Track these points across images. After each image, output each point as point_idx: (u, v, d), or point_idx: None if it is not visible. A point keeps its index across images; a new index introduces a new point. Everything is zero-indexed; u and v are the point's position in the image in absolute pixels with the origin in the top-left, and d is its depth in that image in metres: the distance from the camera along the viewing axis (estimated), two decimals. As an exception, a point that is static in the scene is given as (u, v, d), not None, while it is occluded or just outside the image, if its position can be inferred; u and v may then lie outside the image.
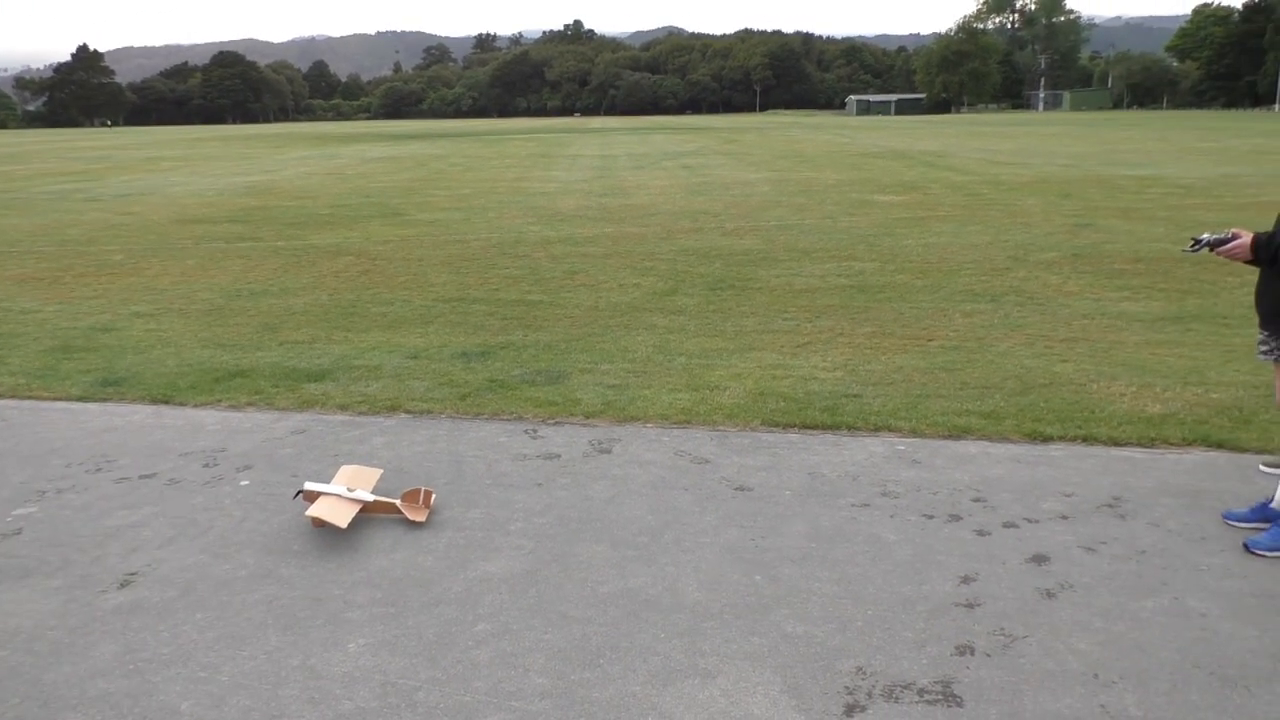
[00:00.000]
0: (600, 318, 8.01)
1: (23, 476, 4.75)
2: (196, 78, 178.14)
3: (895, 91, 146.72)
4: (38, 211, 17.80)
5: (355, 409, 5.71)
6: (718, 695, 2.85)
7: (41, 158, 39.59)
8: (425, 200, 18.32)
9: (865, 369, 6.28)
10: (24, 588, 3.62)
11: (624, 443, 5.03)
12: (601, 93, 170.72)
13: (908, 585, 3.46)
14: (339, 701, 2.87)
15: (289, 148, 44.63)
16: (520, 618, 3.32)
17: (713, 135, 49.67)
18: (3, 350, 7.33)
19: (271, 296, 9.25)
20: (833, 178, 21.43)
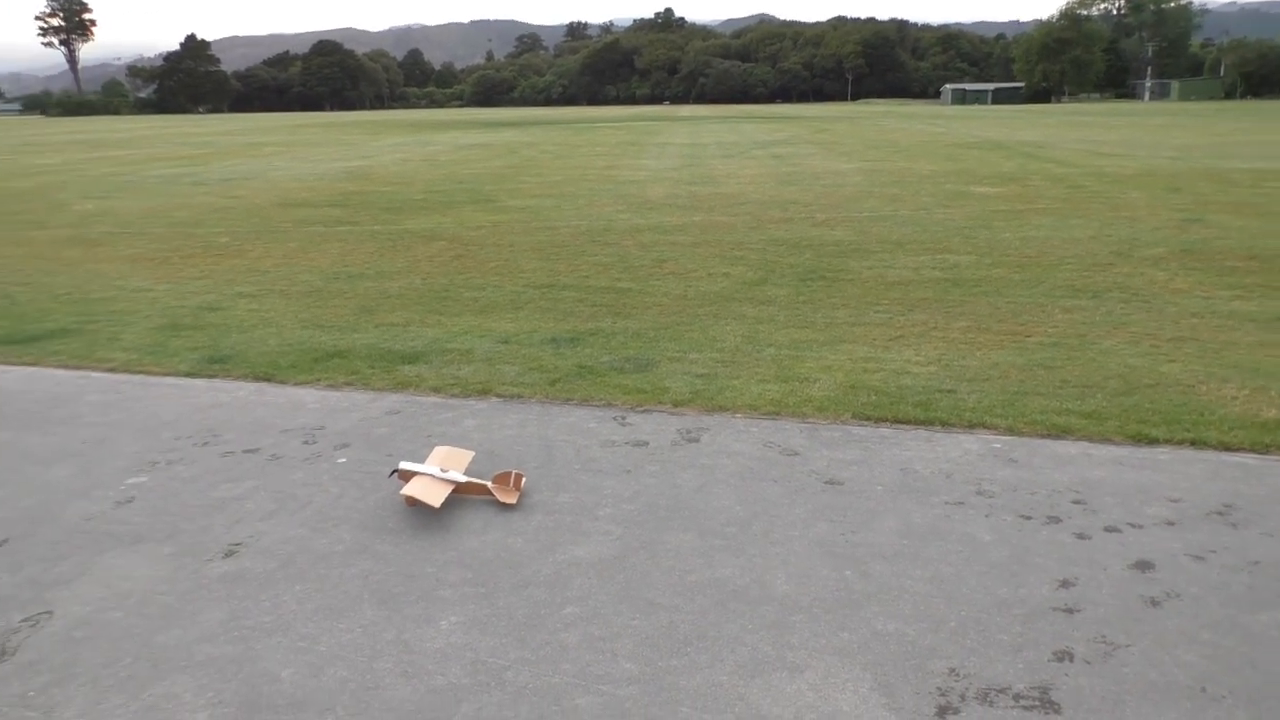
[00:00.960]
0: (689, 306, 7.99)
1: (136, 448, 4.97)
2: (297, 66, 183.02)
3: (992, 80, 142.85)
4: (149, 194, 18.53)
5: (448, 391, 5.82)
6: (805, 689, 2.83)
7: (151, 143, 41.20)
8: (516, 187, 18.52)
9: (960, 364, 6.15)
10: (136, 553, 3.79)
11: (712, 432, 5.02)
12: (691, 81, 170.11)
13: (1003, 587, 3.38)
14: (431, 676, 2.93)
15: (385, 134, 45.58)
16: (608, 603, 3.34)
17: (803, 124, 49.11)
18: (117, 327, 7.66)
19: (368, 279, 9.47)
20: (927, 168, 20.99)
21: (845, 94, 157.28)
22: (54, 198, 18.23)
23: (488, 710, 2.76)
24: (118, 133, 55.25)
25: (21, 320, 7.99)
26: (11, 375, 6.42)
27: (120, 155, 32.00)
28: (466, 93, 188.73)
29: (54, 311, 8.32)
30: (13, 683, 2.93)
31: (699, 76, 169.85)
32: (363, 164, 25.56)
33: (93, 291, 9.18)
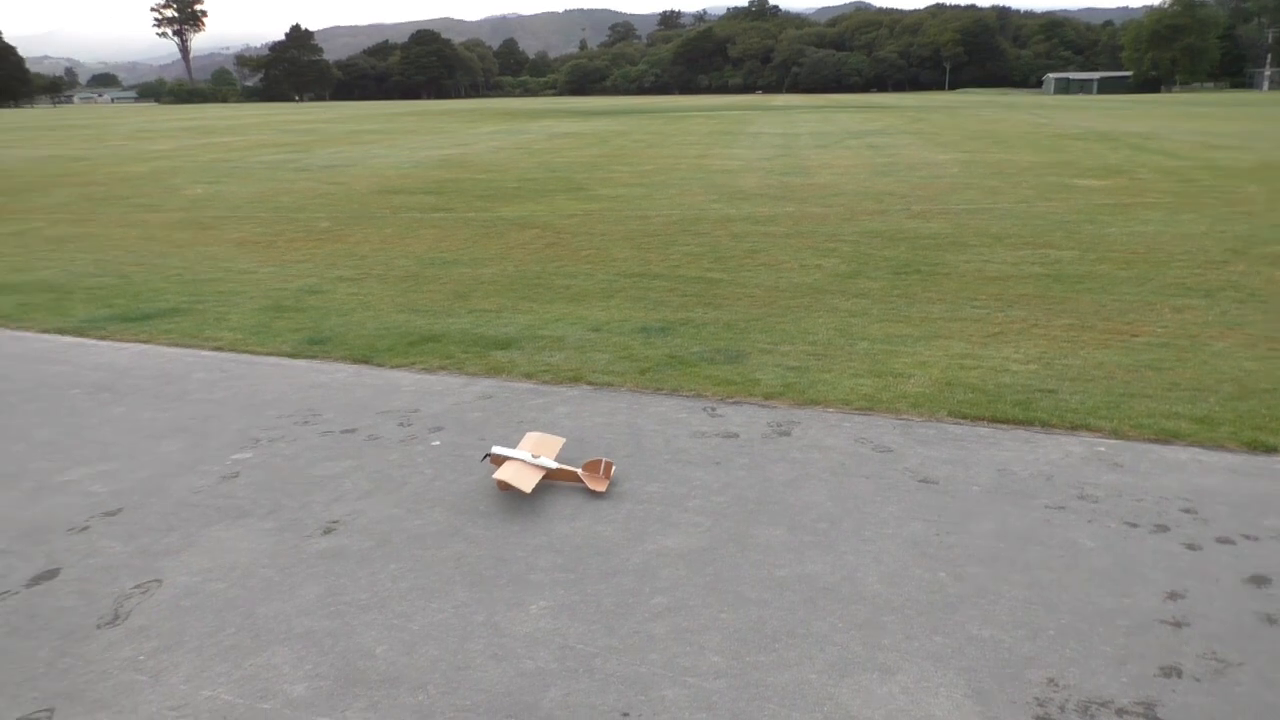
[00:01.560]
0: (781, 298, 7.91)
1: (240, 425, 5.14)
2: (396, 55, 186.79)
3: (1098, 69, 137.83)
4: (255, 180, 19.15)
5: (539, 378, 5.87)
6: (897, 692, 2.78)
7: (257, 130, 42.55)
8: (608, 176, 18.59)
9: (1062, 363, 5.95)
10: (240, 527, 3.92)
11: (804, 426, 4.96)
12: (784, 70, 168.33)
13: (1107, 596, 3.26)
14: (521, 660, 2.96)
15: (480, 123, 46.23)
16: (697, 594, 3.33)
17: (899, 114, 48.15)
18: (224, 307, 7.94)
19: (462, 266, 9.62)
20: (1028, 160, 20.38)
21: (942, 83, 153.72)
22: (167, 182, 18.97)
23: (575, 696, 2.78)
24: (226, 120, 57.20)
25: (137, 299, 8.34)
26: (127, 352, 6.70)
27: (228, 142, 33.13)
28: (559, 81, 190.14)
29: (166, 291, 8.66)
30: (124, 646, 3.06)
31: (792, 65, 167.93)
32: (458, 152, 25.97)
33: (202, 273, 9.52)
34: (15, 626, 3.18)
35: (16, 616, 3.24)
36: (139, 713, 2.73)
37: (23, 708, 2.76)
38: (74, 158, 26.63)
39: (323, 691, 2.82)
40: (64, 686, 2.86)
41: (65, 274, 9.62)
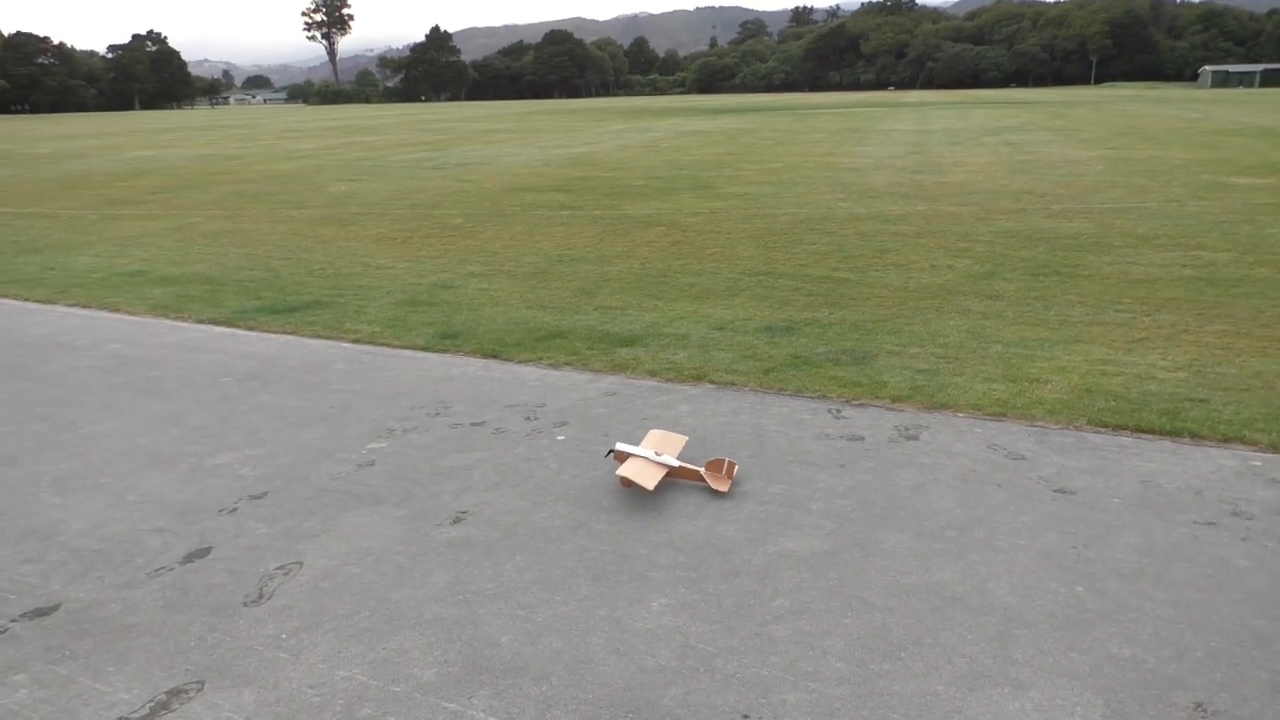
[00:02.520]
0: (910, 299, 7.73)
1: (376, 415, 5.34)
2: (529, 55, 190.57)
3: (1262, 61, 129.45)
4: (393, 178, 19.84)
5: (663, 376, 5.90)
6: (1030, 709, 2.68)
7: (396, 130, 44.08)
8: (734, 174, 18.51)
9: (1214, 371, 5.62)
10: (374, 514, 4.07)
11: (932, 430, 4.83)
12: (918, 65, 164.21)
13: (1261, 619, 3.07)
14: (641, 657, 2.98)
15: (608, 121, 46.72)
16: (819, 598, 3.29)
17: (1040, 110, 46.33)
18: (363, 301, 8.26)
19: (589, 263, 9.74)
20: (1180, 157, 19.32)
21: (1088, 77, 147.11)
22: (311, 180, 19.85)
23: (695, 695, 2.78)
24: (367, 119, 59.46)
25: (283, 292, 8.76)
26: (274, 342, 7.05)
27: (369, 141, 34.44)
28: (688, 79, 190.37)
29: (310, 285, 9.06)
30: (268, 624, 3.22)
31: (927, 60, 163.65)
32: (586, 150, 26.30)
33: (343, 267, 9.93)
34: (170, 601, 3.39)
35: (172, 592, 3.46)
36: (281, 689, 2.87)
37: (176, 679, 2.93)
38: (228, 156, 28.16)
39: (451, 678, 2.90)
40: (213, 660, 3.03)
41: (218, 267, 10.19)
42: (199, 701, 2.81)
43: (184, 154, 30.08)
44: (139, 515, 4.11)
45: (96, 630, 3.20)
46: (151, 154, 30.49)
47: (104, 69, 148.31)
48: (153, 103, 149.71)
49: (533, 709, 2.74)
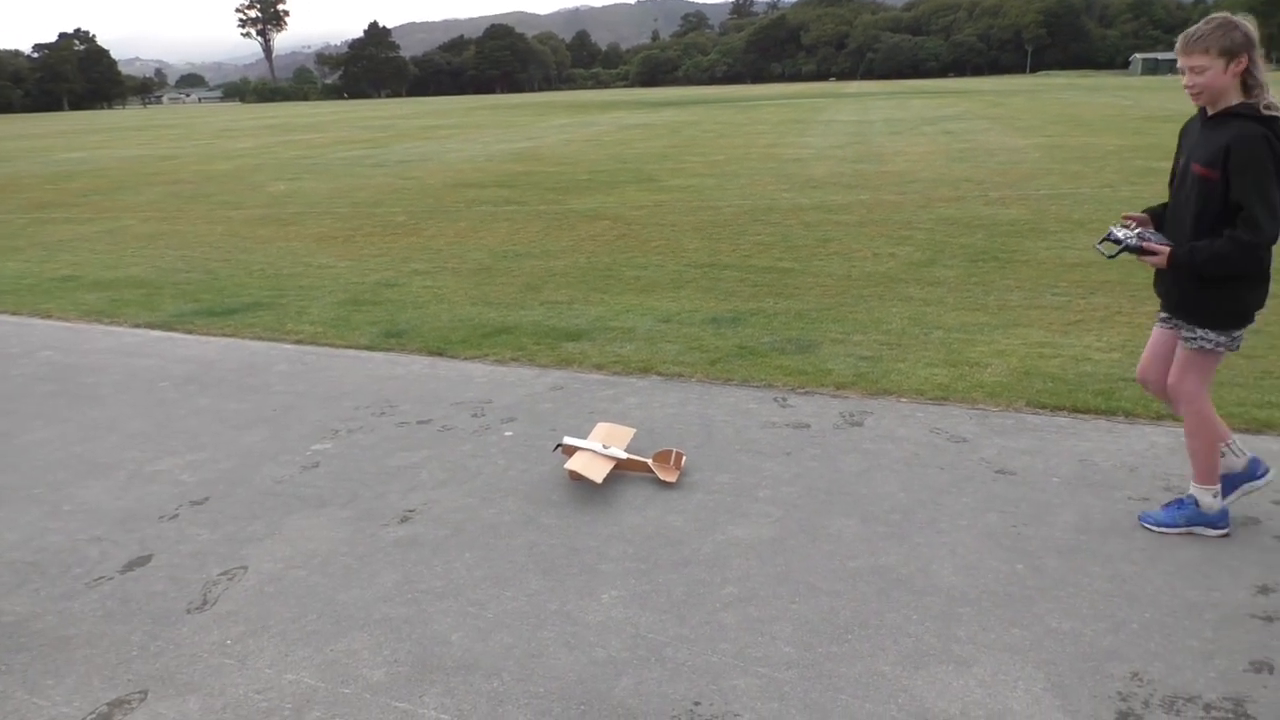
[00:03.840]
0: (853, 287, 7.82)
1: (320, 416, 5.27)
2: (471, 50, 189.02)
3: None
4: (334, 176, 19.58)
5: (610, 369, 5.90)
6: (974, 685, 2.73)
7: (336, 127, 43.48)
8: (678, 166, 18.56)
9: (1147, 351, 5.76)
10: (320, 515, 4.02)
11: (876, 416, 4.90)
12: (858, 56, 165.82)
13: (1193, 589, 3.16)
14: (593, 649, 2.99)
15: (551, 116, 46.54)
16: (767, 585, 3.32)
17: (977, 99, 47.09)
18: (305, 301, 8.15)
19: (534, 258, 9.71)
20: (1113, 143, 19.77)
21: (1024, 66, 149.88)
22: (249, 180, 19.52)
23: (647, 685, 2.79)
24: (306, 117, 58.56)
25: (222, 294, 8.61)
26: (213, 345, 6.93)
27: (308, 139, 33.92)
28: (631, 73, 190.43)
29: (249, 286, 8.92)
30: (212, 630, 3.17)
31: (867, 51, 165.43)
32: (529, 145, 26.19)
33: (283, 268, 9.78)
34: (110, 611, 3.32)
35: (112, 601, 3.38)
36: (227, 695, 2.83)
37: (118, 689, 2.88)
38: (162, 157, 27.56)
39: (401, 677, 2.88)
40: (156, 669, 2.97)
41: (154, 270, 9.97)
42: (142, 711, 2.76)
43: (116, 155, 29.37)
44: (76, 525, 4.01)
45: (33, 643, 3.12)
46: (82, 155, 29.74)
47: (30, 69, 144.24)
48: (82, 103, 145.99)
49: (484, 705, 2.73)
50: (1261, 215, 3.00)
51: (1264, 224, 3.00)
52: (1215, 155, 3.08)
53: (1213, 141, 3.11)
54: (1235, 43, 3.03)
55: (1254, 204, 3.00)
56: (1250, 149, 3.00)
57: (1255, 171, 3.00)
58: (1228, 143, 3.04)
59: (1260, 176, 3.00)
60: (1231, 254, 3.07)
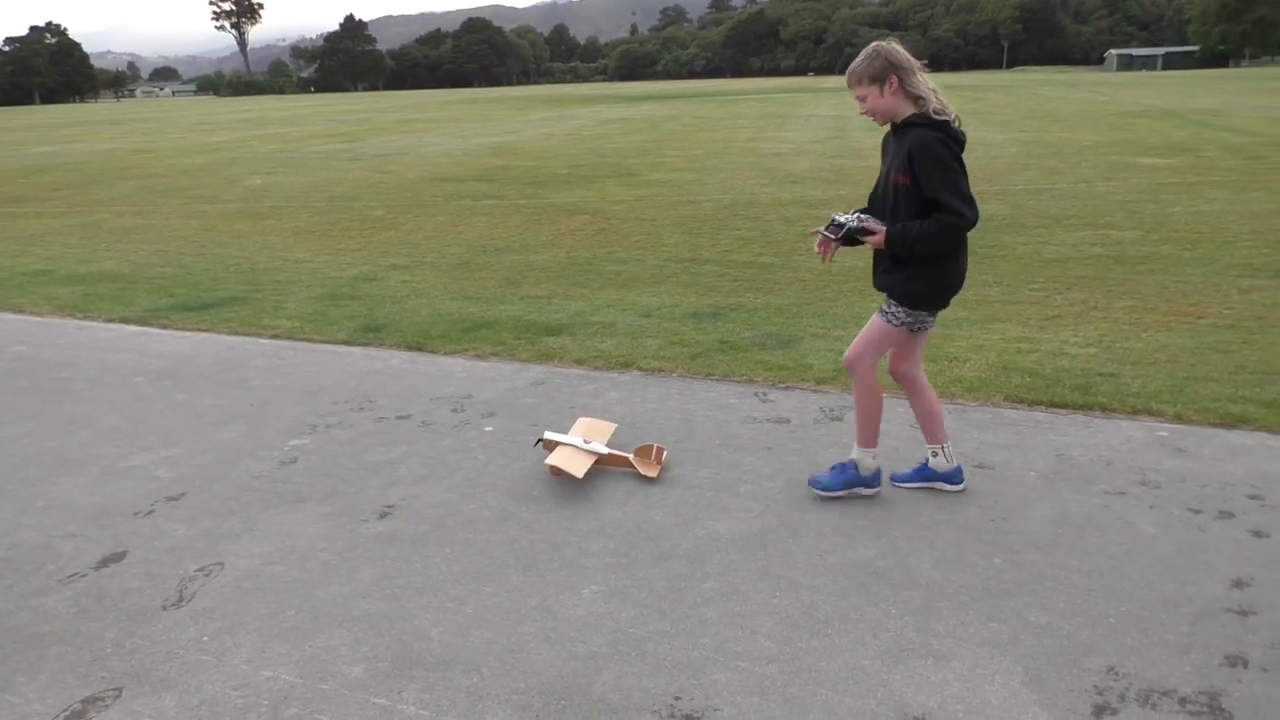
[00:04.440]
0: (833, 282, 7.84)
1: (297, 411, 5.23)
2: (448, 44, 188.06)
3: (1163, 44, 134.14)
4: (310, 170, 19.43)
5: (591, 364, 5.89)
6: (952, 679, 2.75)
7: (312, 121, 43.15)
8: (658, 161, 18.55)
9: (1123, 346, 5.82)
10: (299, 511, 3.99)
11: (856, 411, 4.91)
12: (837, 51, 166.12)
13: (1169, 584, 3.19)
14: (573, 643, 2.98)
15: (530, 110, 46.38)
16: (748, 579, 3.32)
17: (955, 94, 47.28)
18: (282, 296, 8.08)
19: (513, 252, 9.68)
20: (1088, 139, 19.92)
21: (1000, 62, 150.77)
22: (225, 174, 19.34)
23: (627, 680, 2.79)
24: (282, 111, 58.08)
25: (197, 289, 8.53)
26: (188, 340, 6.86)
27: (284, 133, 33.65)
28: (610, 67, 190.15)
29: (225, 281, 8.84)
30: (188, 627, 3.14)
31: (845, 46, 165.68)
32: (508, 139, 26.10)
33: (260, 262, 9.70)
34: (84, 607, 3.28)
35: (86, 598, 3.34)
36: (203, 692, 2.80)
37: (92, 686, 2.84)
38: (136, 150, 27.27)
39: (379, 673, 2.86)
40: (131, 666, 2.94)
41: (129, 264, 9.86)
42: (117, 709, 2.73)
43: (89, 149, 29.05)
44: (50, 521, 3.96)
45: (5, 640, 3.08)
46: (54, 149, 29.39)
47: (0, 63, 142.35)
48: (54, 97, 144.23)
49: (464, 701, 2.72)
50: (956, 204, 3.33)
51: (962, 210, 3.34)
52: (904, 163, 3.40)
53: (900, 151, 3.44)
54: (878, 69, 3.39)
55: (946, 197, 3.32)
56: (928, 152, 3.33)
57: (938, 170, 3.33)
58: (909, 150, 3.37)
59: (944, 173, 3.33)
60: (939, 232, 3.38)
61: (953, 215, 3.34)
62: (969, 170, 3.44)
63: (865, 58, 3.44)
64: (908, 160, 3.38)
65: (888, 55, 3.39)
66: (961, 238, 3.47)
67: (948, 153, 3.35)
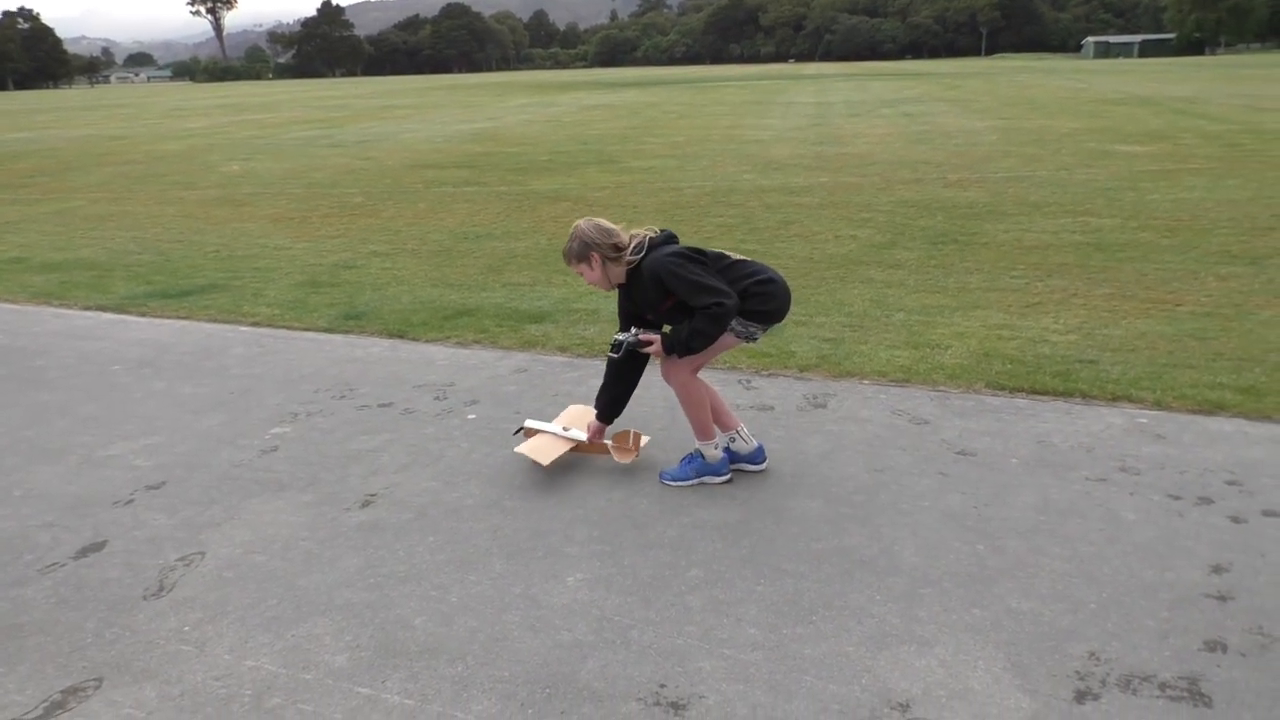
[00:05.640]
0: (815, 269, 7.85)
1: (278, 399, 5.19)
2: (427, 30, 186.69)
3: (1139, 32, 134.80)
4: (289, 156, 19.26)
5: (574, 351, 5.88)
6: (935, 665, 2.76)
7: (290, 107, 42.76)
8: (639, 148, 18.50)
9: (1102, 333, 5.86)
10: (280, 500, 3.96)
11: (839, 398, 4.93)
12: (817, 37, 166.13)
13: (1149, 570, 3.22)
14: (558, 632, 2.97)
15: (510, 96, 46.13)
16: (733, 567, 3.33)
17: (934, 81, 47.40)
18: (261, 283, 8.01)
19: (495, 239, 9.63)
20: (1067, 126, 20.01)
21: (979, 49, 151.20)
22: (202, 160, 19.14)
23: (612, 668, 2.79)
24: (259, 97, 57.52)
25: (175, 276, 8.44)
26: (167, 328, 6.79)
27: (262, 119, 33.33)
28: (590, 53, 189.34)
29: (204, 268, 8.75)
30: (170, 617, 3.12)
31: (825, 33, 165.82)
32: (489, 126, 25.95)
33: (238, 249, 9.61)
34: (64, 598, 3.25)
35: (65, 588, 3.31)
36: (185, 682, 2.78)
37: (72, 677, 2.82)
38: (112, 137, 26.94)
39: (363, 662, 2.85)
40: (112, 656, 2.91)
41: (105, 252, 9.75)
42: (97, 699, 2.71)
43: (64, 135, 28.68)
44: (27, 511, 3.92)
45: (-16, 633, 3.05)
46: (28, 135, 29.00)
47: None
48: (27, 83, 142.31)
49: (448, 689, 2.71)
50: (711, 299, 3.57)
51: (720, 300, 3.57)
52: (659, 294, 3.69)
53: (645, 290, 3.73)
54: (578, 250, 3.77)
55: (700, 296, 3.58)
56: (665, 271, 3.60)
57: (684, 284, 3.59)
58: (653, 279, 3.65)
59: (690, 282, 3.59)
60: (708, 326, 3.62)
61: (712, 308, 3.57)
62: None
63: (569, 242, 3.81)
64: (660, 288, 3.66)
65: (581, 237, 3.74)
66: (729, 320, 3.66)
67: (678, 262, 3.60)
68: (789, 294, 3.88)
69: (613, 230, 3.76)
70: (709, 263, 3.70)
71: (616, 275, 3.81)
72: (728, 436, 4.07)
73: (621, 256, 3.73)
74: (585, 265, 3.80)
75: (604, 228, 3.76)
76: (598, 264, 3.77)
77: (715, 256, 3.77)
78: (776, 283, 3.81)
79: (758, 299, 3.76)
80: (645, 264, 3.68)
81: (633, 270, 3.76)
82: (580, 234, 3.76)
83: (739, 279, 3.73)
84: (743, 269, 3.79)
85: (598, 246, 3.73)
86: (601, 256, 3.74)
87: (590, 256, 3.76)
